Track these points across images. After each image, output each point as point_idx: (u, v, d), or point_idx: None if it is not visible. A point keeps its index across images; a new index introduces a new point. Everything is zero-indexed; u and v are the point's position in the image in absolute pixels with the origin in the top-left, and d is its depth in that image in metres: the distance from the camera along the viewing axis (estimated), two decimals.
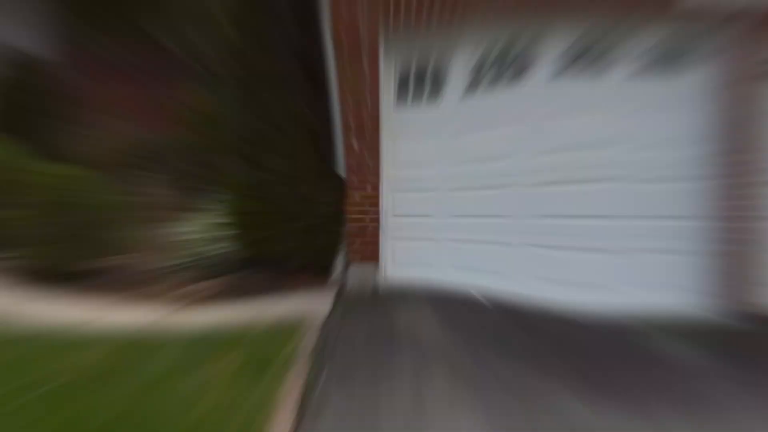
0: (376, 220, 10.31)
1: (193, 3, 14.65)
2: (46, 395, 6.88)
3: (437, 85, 10.26)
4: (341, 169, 10.34)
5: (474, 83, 10.03)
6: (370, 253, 10.43)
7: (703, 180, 9.55)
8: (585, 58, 9.73)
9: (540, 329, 8.74)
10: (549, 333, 8.65)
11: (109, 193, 10.35)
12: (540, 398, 6.90)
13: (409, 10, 9.71)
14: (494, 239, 10.25)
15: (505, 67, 10.05)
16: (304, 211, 10.25)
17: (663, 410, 6.81)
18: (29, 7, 14.99)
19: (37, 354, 7.86)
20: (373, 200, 10.34)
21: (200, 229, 10.82)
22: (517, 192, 10.09)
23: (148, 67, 14.65)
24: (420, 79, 10.28)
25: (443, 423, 6.45)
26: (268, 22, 10.05)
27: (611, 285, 9.76)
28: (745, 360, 8.08)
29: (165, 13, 14.85)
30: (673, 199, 9.67)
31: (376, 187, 10.35)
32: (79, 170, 10.27)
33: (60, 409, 6.55)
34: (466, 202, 10.39)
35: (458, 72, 10.05)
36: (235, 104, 10.12)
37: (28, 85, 13.58)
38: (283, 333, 8.42)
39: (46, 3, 15.00)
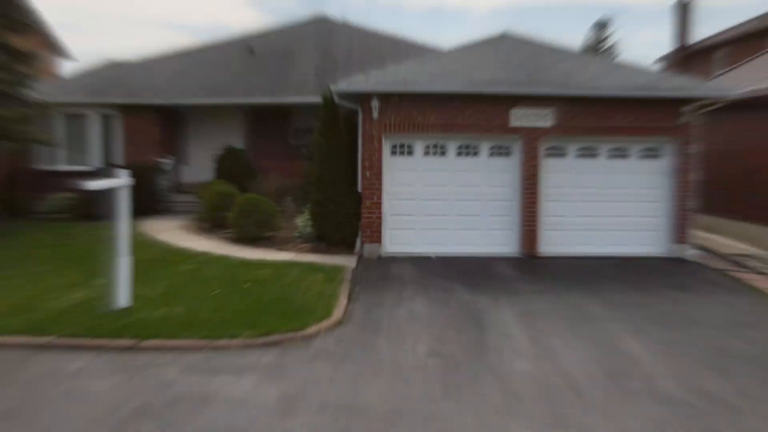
0: (380, 218, 11.27)
1: (304, 126, 16.41)
2: (247, 287, 8.58)
3: (410, 149, 11.33)
4: (359, 188, 11.30)
5: (427, 151, 11.34)
6: (376, 237, 11.28)
7: (516, 200, 11.45)
8: (469, 148, 11.40)
9: (455, 265, 10.62)
10: (458, 267, 10.55)
11: (270, 205, 11.83)
12: (449, 291, 9.01)
13: (393, 127, 11.09)
14: (442, 227, 11.42)
15: (437, 148, 11.35)
16: (340, 212, 11.11)
17: (497, 292, 8.84)
18: (238, 129, 17.20)
19: (242, 270, 9.55)
20: (378, 205, 11.22)
21: (302, 222, 11.84)
22: (450, 203, 11.38)
23: (285, 154, 16.57)
24: (401, 146, 11.32)
25: (409, 304, 8.43)
26: (335, 131, 11.14)
27: (481, 244, 11.45)
28: (529, 272, 10.43)
29: (292, 131, 17.04)
30: (504, 208, 11.52)
31: (379, 197, 11.23)
32: (258, 196, 12.00)
33: (253, 293, 8.31)
34: (431, 207, 11.37)
35: (419, 146, 11.31)
36: (317, 167, 11.29)
37: (236, 160, 15.17)
38: (337, 269, 9.83)
39: (245, 128, 17.37)
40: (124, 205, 7.60)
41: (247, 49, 18.55)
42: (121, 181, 7.54)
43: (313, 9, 78.59)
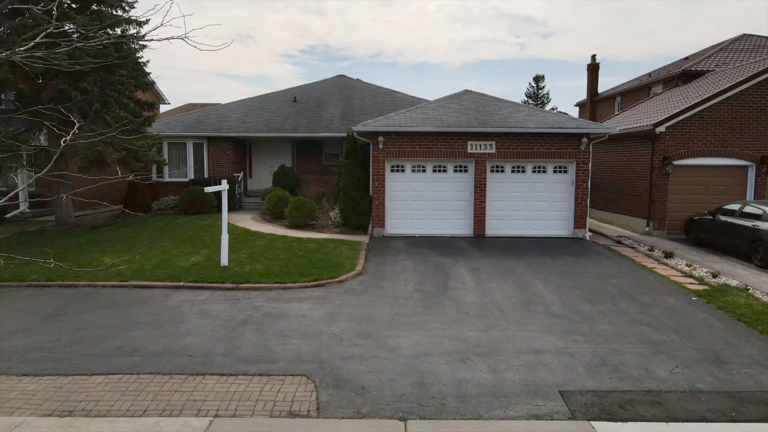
0: (383, 211, 11.97)
1: (332, 152, 17.19)
2: (301, 254, 9.40)
3: (402, 168, 11.96)
4: (371, 192, 11.96)
5: (413, 169, 11.99)
6: (381, 224, 12.00)
7: (470, 200, 11.96)
8: (440, 167, 12.00)
9: (430, 241, 11.31)
10: (432, 242, 11.23)
11: (312, 204, 12.30)
12: (427, 255, 9.81)
13: (391, 154, 11.78)
14: (422, 217, 12.08)
15: (420, 167, 12.02)
16: (359, 208, 11.85)
17: (457, 256, 9.58)
18: (287, 153, 17.70)
19: (296, 244, 10.28)
20: (382, 204, 11.96)
21: (334, 214, 12.40)
22: (428, 202, 12.02)
23: (320, 170, 17.31)
24: (397, 166, 11.95)
25: (402, 262, 9.29)
26: (355, 156, 11.94)
27: (448, 228, 12.03)
28: (478, 246, 10.91)
29: (324, 155, 17.61)
30: (463, 206, 12.06)
31: (383, 199, 11.95)
32: (304, 198, 12.56)
33: (305, 257, 9.12)
34: (416, 205, 12.01)
35: (408, 166, 11.96)
36: (344, 179, 11.97)
37: (287, 174, 15.54)
38: (357, 243, 10.69)
39: (292, 152, 17.56)
40: (224, 201, 8.78)
41: (292, 98, 19.28)
42: (222, 186, 8.73)
43: (331, 64, 79.39)
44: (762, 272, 8.98)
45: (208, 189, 8.18)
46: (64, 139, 2.78)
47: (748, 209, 9.91)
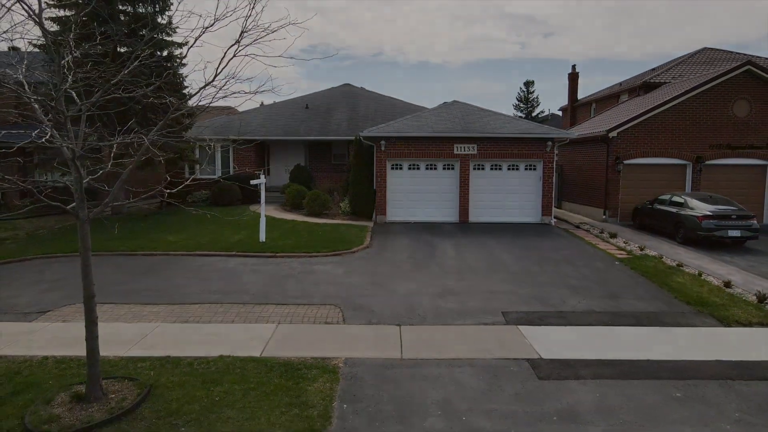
0: (385, 202, 13.80)
1: (339, 153, 19.08)
2: (320, 234, 11.34)
3: (401, 166, 13.84)
4: (374, 186, 13.73)
5: (410, 167, 13.89)
6: (383, 212, 13.78)
7: (456, 193, 13.81)
8: (432, 166, 13.90)
9: (423, 225, 13.15)
10: (425, 226, 13.11)
11: (326, 196, 13.94)
12: (419, 235, 11.71)
13: (392, 155, 13.70)
14: (417, 207, 13.89)
15: (415, 165, 13.93)
16: (366, 199, 13.67)
17: (444, 236, 11.52)
18: (301, 153, 19.65)
19: (315, 227, 12.17)
20: (384, 196, 13.76)
21: (344, 204, 13.85)
22: (421, 194, 13.88)
23: (329, 169, 19.21)
24: (396, 165, 13.82)
25: (400, 239, 11.23)
26: (362, 156, 13.75)
27: (437, 215, 13.89)
28: (462, 229, 12.72)
29: (332, 156, 19.58)
30: (450, 197, 13.91)
31: (384, 192, 13.78)
32: (318, 191, 14.31)
33: (323, 236, 11.04)
34: (412, 196, 13.84)
35: (405, 164, 13.84)
36: (352, 176, 13.83)
37: (301, 172, 17.57)
38: (364, 226, 12.57)
39: (305, 153, 19.57)
40: (262, 192, 10.92)
41: (304, 106, 21.22)
42: (261, 180, 10.89)
43: (331, 63, 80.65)
44: (680, 247, 11.15)
45: (254, 181, 10.35)
46: (123, 139, 3.81)
47: (674, 199, 12.08)
